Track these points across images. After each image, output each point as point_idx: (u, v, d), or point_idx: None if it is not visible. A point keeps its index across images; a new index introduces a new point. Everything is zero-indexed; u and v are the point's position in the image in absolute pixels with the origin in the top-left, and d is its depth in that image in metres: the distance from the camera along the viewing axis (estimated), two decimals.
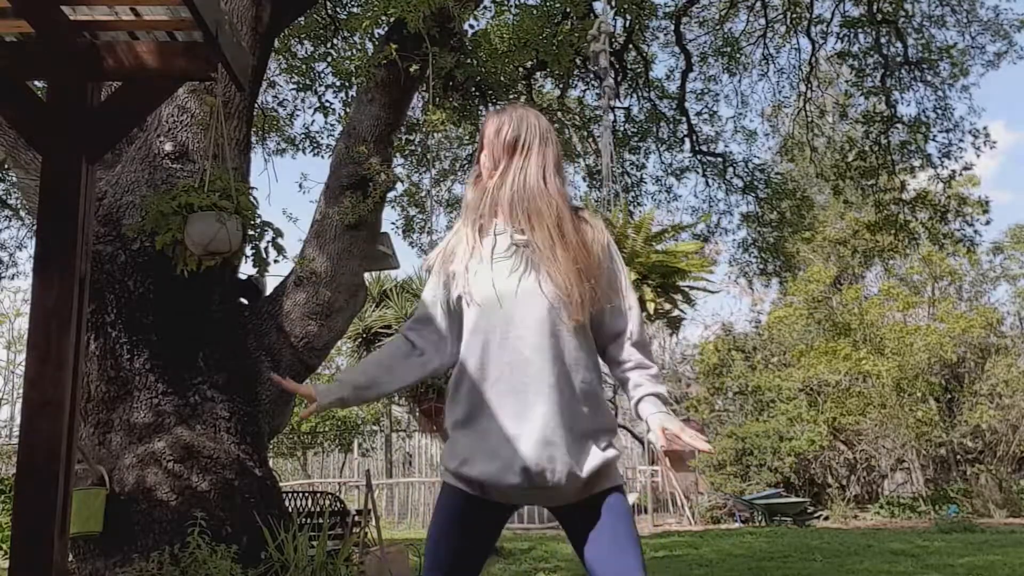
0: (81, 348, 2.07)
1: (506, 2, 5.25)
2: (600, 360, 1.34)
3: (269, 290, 4.49)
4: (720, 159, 8.16)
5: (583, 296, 1.25)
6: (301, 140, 7.17)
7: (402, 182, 5.94)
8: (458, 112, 6.04)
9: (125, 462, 3.54)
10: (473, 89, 5.83)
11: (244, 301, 4.38)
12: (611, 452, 1.26)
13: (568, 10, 5.15)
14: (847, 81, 8.14)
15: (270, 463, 4.37)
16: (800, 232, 8.30)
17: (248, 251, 3.07)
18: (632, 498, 13.64)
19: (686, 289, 2.22)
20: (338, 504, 4.63)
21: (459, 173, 7.92)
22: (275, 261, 3.12)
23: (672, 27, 7.66)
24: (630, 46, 7.30)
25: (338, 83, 6.15)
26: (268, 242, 3.09)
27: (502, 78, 5.53)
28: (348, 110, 5.99)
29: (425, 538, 1.30)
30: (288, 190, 26.77)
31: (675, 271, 2.12)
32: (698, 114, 8.09)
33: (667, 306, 2.16)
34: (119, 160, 3.94)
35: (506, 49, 4.83)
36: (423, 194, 6.72)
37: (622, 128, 7.77)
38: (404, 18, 4.15)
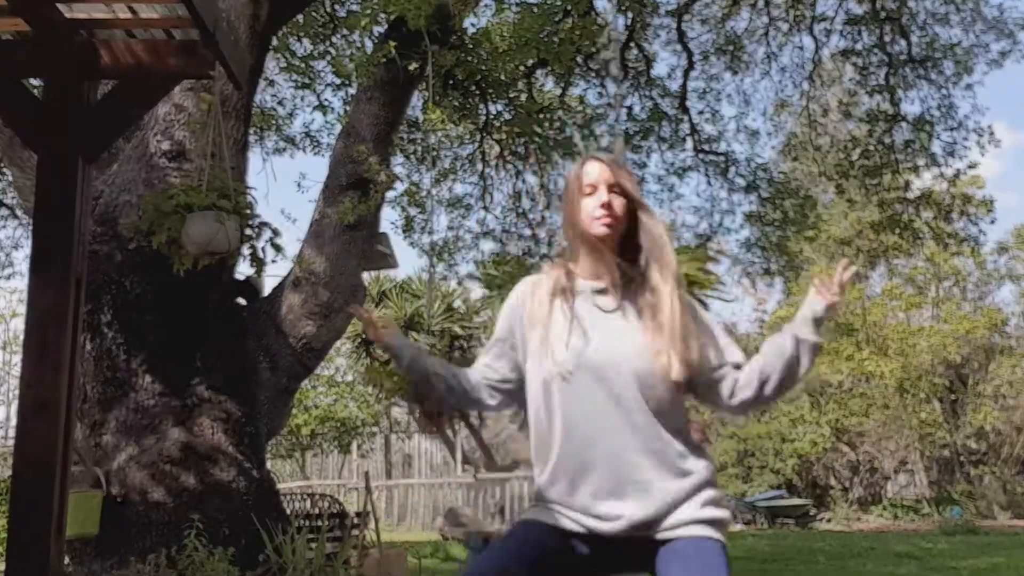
0: (77, 349, 2.05)
1: (506, 0, 5.22)
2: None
3: (267, 290, 4.47)
4: (722, 158, 8.13)
5: None
6: (301, 139, 7.16)
7: (402, 181, 5.91)
8: (458, 111, 6.01)
9: (121, 463, 3.52)
10: (473, 88, 5.80)
11: (242, 301, 4.35)
12: None
13: (569, 8, 5.12)
14: (851, 79, 8.10)
15: (268, 464, 4.35)
16: (803, 231, 8.25)
17: (245, 251, 3.05)
18: None
19: (702, 298, 2.19)
20: (337, 506, 4.61)
21: (459, 172, 7.90)
22: (273, 261, 3.10)
23: (674, 25, 7.63)
24: (631, 44, 7.27)
25: (338, 82, 6.12)
26: (266, 241, 3.07)
27: (503, 76, 5.51)
28: (348, 108, 5.97)
29: None
30: (287, 190, 26.79)
31: (693, 283, 2.09)
32: (700, 113, 8.05)
33: None
34: (115, 159, 3.92)
35: (507, 47, 4.81)
36: (423, 194, 6.70)
37: (624, 127, 7.75)
38: (404, 16, 4.13)
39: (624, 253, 1.28)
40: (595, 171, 1.29)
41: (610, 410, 1.19)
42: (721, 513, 1.21)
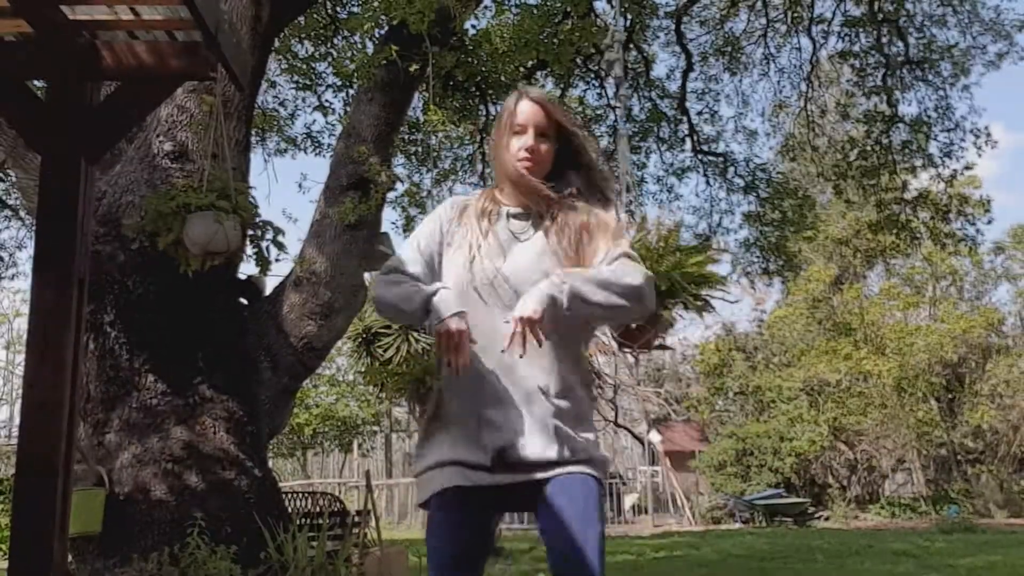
0: (80, 348, 2.06)
1: (507, 2, 5.24)
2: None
3: (268, 290, 4.49)
4: (721, 159, 8.16)
5: None
6: (302, 140, 7.18)
7: (402, 182, 5.93)
8: (458, 112, 6.03)
9: (124, 462, 3.54)
10: (473, 89, 5.82)
11: (243, 301, 4.37)
12: None
13: (568, 9, 5.14)
14: (848, 80, 8.13)
15: (270, 463, 4.37)
16: (802, 231, 8.29)
17: (250, 251, 3.06)
18: (632, 498, 13.62)
19: (707, 297, 2.18)
20: (338, 505, 4.62)
21: (459, 173, 7.92)
22: (276, 260, 3.11)
23: (673, 26, 7.65)
24: (631, 45, 7.30)
25: (338, 83, 6.14)
26: (269, 240, 3.08)
27: (503, 78, 5.53)
28: (348, 109, 5.99)
29: None
30: (288, 190, 26.91)
31: (704, 280, 2.08)
32: (699, 113, 8.10)
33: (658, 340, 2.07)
34: (118, 160, 3.93)
35: (507, 49, 4.83)
36: (424, 194, 6.72)
37: (623, 128, 7.76)
38: (406, 21, 4.14)
39: (560, 177, 1.35)
40: (527, 111, 1.34)
41: (501, 326, 1.24)
42: (599, 454, 1.30)
